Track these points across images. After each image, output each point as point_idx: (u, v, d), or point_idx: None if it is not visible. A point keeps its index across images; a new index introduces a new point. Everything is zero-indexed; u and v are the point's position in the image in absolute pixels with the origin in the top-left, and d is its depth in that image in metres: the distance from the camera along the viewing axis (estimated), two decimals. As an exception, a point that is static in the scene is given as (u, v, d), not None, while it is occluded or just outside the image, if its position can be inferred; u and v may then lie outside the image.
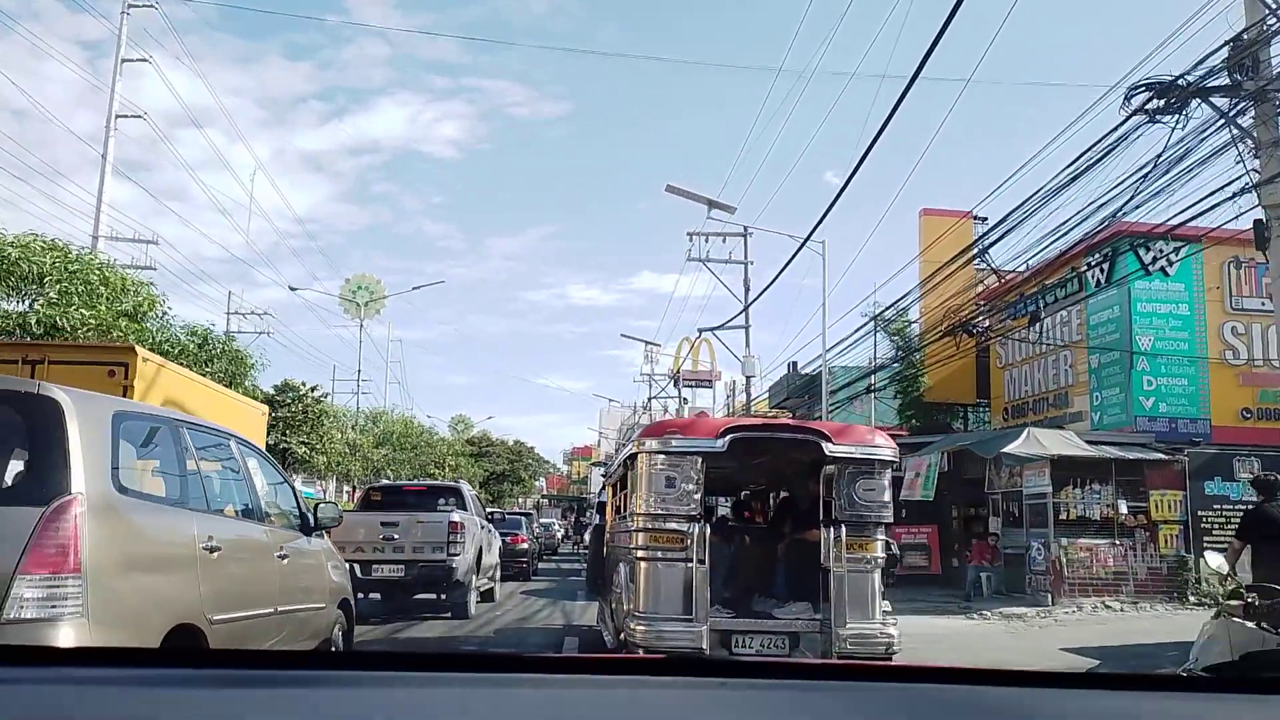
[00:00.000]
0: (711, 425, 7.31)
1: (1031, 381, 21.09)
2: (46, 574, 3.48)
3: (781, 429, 8.33)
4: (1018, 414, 21.30)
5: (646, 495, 6.87)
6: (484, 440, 62.83)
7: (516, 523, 22.45)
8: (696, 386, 42.97)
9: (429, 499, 13.23)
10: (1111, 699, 1.53)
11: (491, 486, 57.29)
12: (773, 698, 1.45)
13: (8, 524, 3.47)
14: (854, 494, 6.94)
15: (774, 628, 7.11)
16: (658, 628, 6.68)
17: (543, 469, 79.77)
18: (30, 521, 3.47)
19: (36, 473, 3.70)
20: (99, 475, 3.76)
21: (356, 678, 1.45)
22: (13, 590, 3.38)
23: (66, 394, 3.84)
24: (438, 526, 11.83)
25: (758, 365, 29.03)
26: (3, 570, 3.38)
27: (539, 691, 1.42)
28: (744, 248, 27.33)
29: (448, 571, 11.67)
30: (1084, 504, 16.34)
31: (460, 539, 11.81)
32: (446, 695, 1.38)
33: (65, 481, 3.63)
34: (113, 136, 18.94)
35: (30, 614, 3.40)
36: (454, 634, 11.02)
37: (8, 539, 3.43)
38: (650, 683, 1.51)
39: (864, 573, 6.91)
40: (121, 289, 13.10)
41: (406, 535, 11.72)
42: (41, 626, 3.42)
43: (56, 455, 3.67)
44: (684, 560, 6.75)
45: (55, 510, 3.55)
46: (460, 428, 62.66)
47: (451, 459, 42.53)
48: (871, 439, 7.25)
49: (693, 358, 41.39)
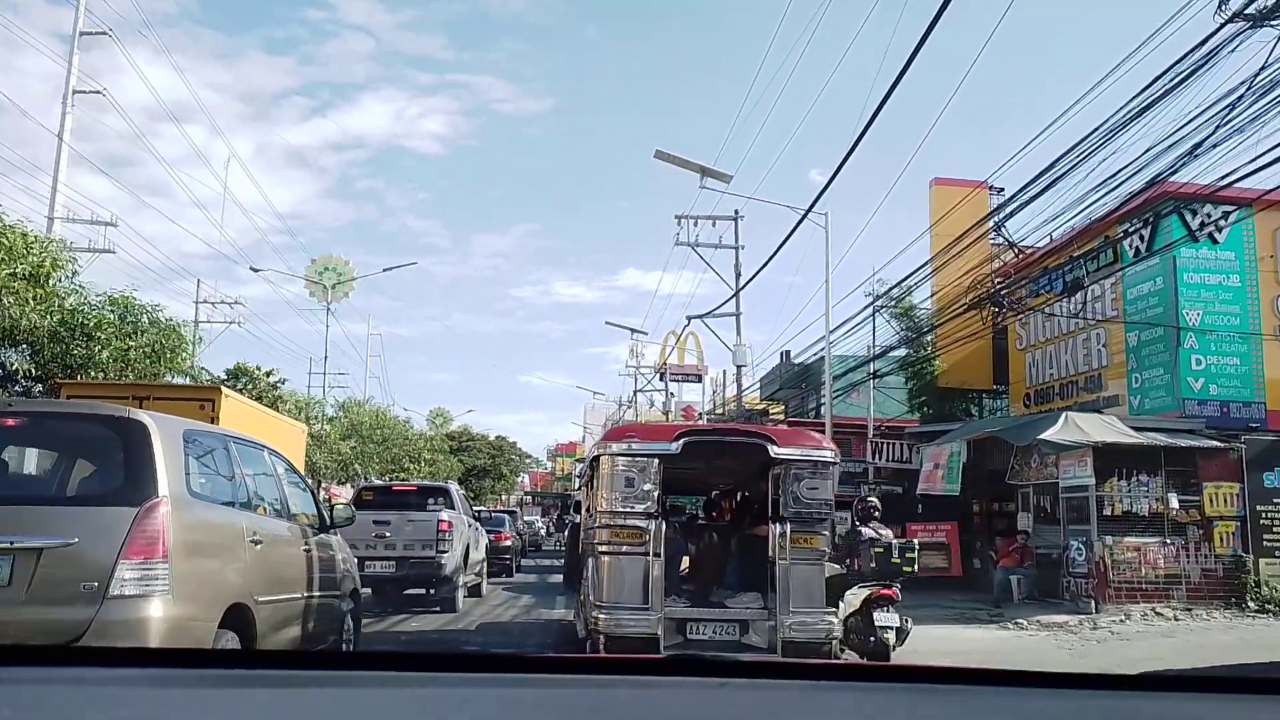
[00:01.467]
0: (667, 429, 8.44)
1: (1057, 364, 19.71)
2: (142, 559, 4.72)
3: (731, 433, 9.18)
4: (1041, 399, 20.09)
5: (608, 494, 7.75)
6: (464, 435, 61.33)
7: (501, 520, 24.48)
8: (683, 381, 42.34)
9: (419, 499, 14.39)
10: (1112, 699, 1.57)
11: (472, 483, 55.99)
12: (773, 698, 1.49)
13: (110, 520, 4.76)
14: (798, 493, 7.80)
15: (726, 616, 8.06)
16: (617, 616, 7.49)
17: (525, 465, 78.79)
18: (128, 519, 4.75)
19: (130, 480, 4.96)
20: (176, 481, 5.05)
21: (356, 678, 1.50)
22: (117, 573, 4.65)
23: (150, 416, 5.19)
24: (428, 526, 12.93)
25: (749, 354, 27.92)
26: (109, 556, 4.67)
27: (539, 691, 1.46)
28: (735, 232, 26.79)
29: (437, 568, 12.83)
30: (1130, 498, 15.14)
31: (449, 537, 12.92)
32: (446, 695, 1.42)
33: (153, 486, 4.89)
34: (70, 113, 18.71)
35: (130, 591, 4.66)
36: (445, 628, 11.95)
37: (111, 532, 4.71)
38: (651, 683, 1.56)
39: (808, 565, 7.82)
40: (23, 249, 11.03)
41: (398, 534, 12.82)
42: (139, 601, 4.67)
43: (145, 465, 4.94)
44: (643, 554, 7.60)
45: (147, 509, 4.81)
46: (439, 421, 61.00)
47: (428, 453, 41.35)
48: (813, 442, 8.27)
49: (679, 351, 40.93)
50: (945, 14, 8.01)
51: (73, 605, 4.55)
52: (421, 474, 38.00)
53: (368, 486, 17.15)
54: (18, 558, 4.58)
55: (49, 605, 4.56)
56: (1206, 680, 1.73)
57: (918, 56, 8.74)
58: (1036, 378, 20.35)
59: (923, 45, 8.54)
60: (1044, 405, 19.44)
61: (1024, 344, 20.76)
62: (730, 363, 28.75)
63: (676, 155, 20.55)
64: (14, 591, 4.54)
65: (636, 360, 46.51)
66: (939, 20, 8.12)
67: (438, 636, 11.15)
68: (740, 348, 26.44)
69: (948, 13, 8.02)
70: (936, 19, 8.11)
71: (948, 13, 8.02)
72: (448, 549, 12.87)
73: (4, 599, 4.53)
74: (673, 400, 41.58)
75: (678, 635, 7.78)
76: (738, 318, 26.44)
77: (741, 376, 27.53)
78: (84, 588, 4.58)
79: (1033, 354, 20.53)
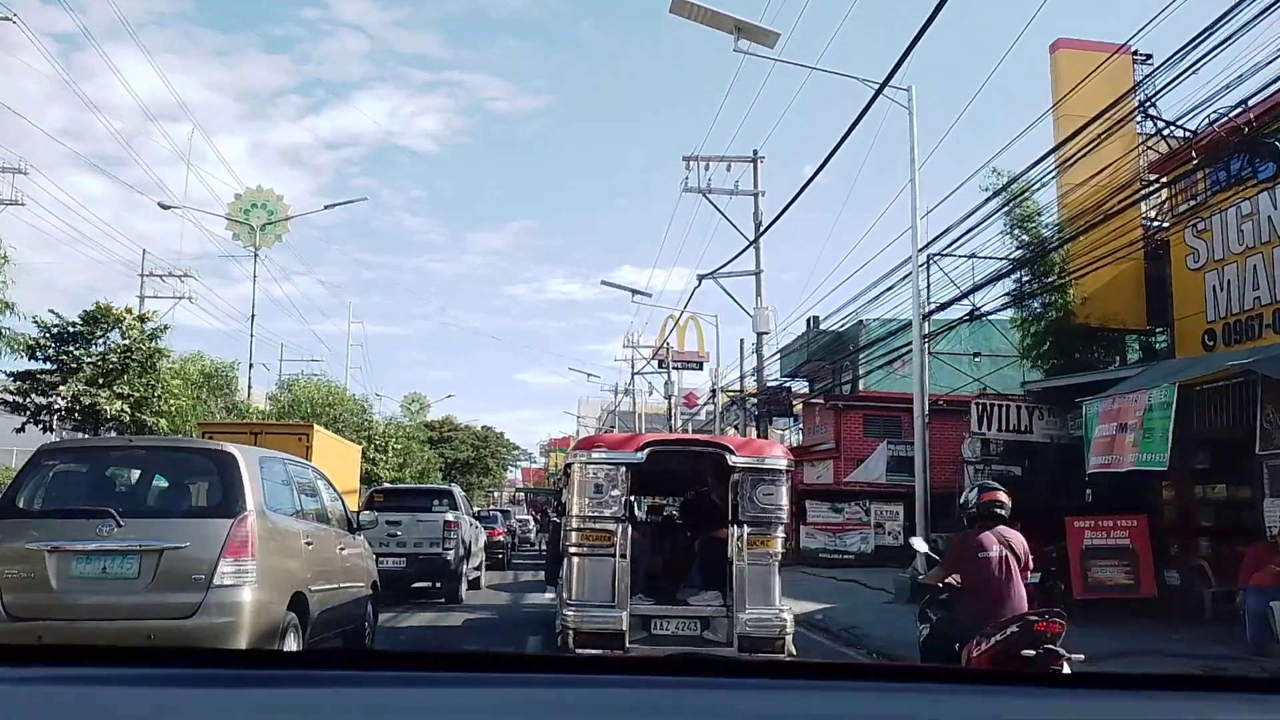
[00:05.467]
0: (633, 440, 9.06)
1: (1271, 284, 13.45)
2: (236, 558, 6.42)
3: (692, 443, 10.32)
4: (1237, 337, 13.85)
5: (579, 499, 8.55)
6: (445, 424, 59.21)
7: (494, 518, 26.46)
8: (684, 368, 41.83)
9: (426, 500, 16.09)
10: (1112, 699, 1.59)
11: (456, 477, 53.90)
12: (773, 698, 1.53)
13: (213, 528, 6.48)
14: (755, 498, 8.52)
15: (687, 613, 8.81)
16: (586, 613, 8.30)
17: (514, 458, 77.36)
18: (225, 528, 6.46)
19: (225, 498, 6.68)
20: (258, 499, 6.75)
21: (356, 677, 1.53)
22: (218, 568, 6.37)
23: (238, 449, 6.94)
24: (434, 524, 14.62)
25: (772, 319, 24.49)
26: (212, 555, 6.38)
27: (540, 691, 1.50)
28: (754, 174, 23.88)
29: (444, 564, 14.50)
30: None
31: (453, 535, 14.61)
32: (447, 695, 1.45)
33: (242, 503, 6.60)
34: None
35: (228, 581, 6.37)
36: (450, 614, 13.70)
37: (214, 538, 6.42)
38: (651, 682, 1.59)
39: (764, 565, 8.57)
40: None
41: (409, 532, 14.42)
42: (234, 589, 6.38)
43: (236, 487, 6.64)
44: (610, 555, 8.43)
45: (239, 520, 6.52)
46: (415, 407, 56.10)
47: (398, 441, 37.59)
48: (769, 451, 9.12)
49: (678, 334, 40.35)
50: None
51: (186, 592, 6.28)
52: (388, 466, 34.66)
53: (379, 489, 18.82)
54: (145, 556, 6.34)
55: (169, 591, 6.29)
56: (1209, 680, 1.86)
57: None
58: (1226, 307, 14.03)
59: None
60: (1240, 344, 13.59)
61: (1200, 262, 14.51)
62: (750, 330, 25.11)
63: (699, 4, 13.47)
64: (142, 581, 6.31)
65: (635, 336, 45.55)
66: None
67: (443, 627, 12.38)
68: (762, 311, 23.57)
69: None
70: None
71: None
72: (453, 545, 14.49)
73: (135, 587, 6.29)
74: (675, 387, 40.50)
75: (642, 631, 8.48)
76: (758, 276, 23.38)
77: (762, 345, 24.50)
78: (194, 579, 6.31)
79: (1221, 273, 14.09)
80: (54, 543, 6.33)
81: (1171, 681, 1.70)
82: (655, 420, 49.16)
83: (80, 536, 6.35)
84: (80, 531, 6.37)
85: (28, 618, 6.13)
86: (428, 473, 44.17)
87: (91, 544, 6.30)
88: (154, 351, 19.60)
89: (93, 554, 6.31)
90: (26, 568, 6.28)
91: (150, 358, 19.37)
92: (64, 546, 6.32)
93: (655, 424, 47.95)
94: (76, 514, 6.59)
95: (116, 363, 19.08)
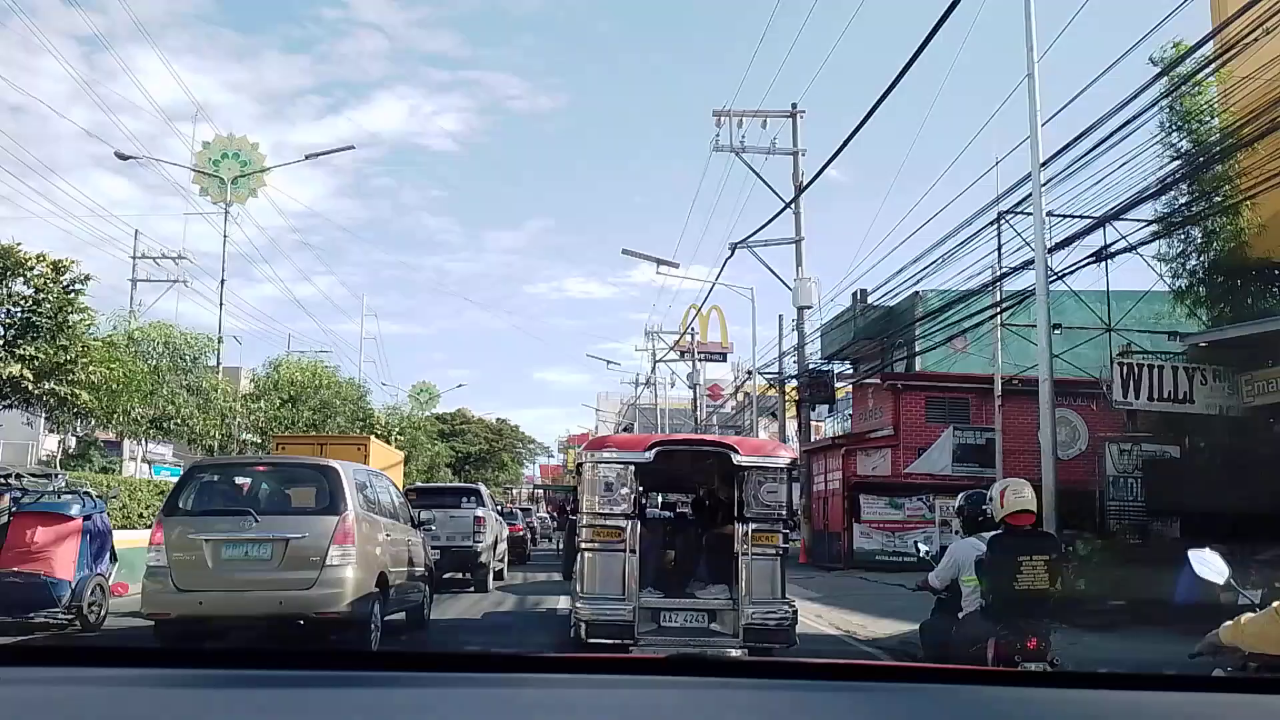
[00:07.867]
0: (642, 440, 9.64)
1: None
2: (341, 545, 8.72)
3: (698, 443, 10.79)
4: None
5: (590, 497, 9.08)
6: (458, 417, 58.81)
7: (514, 515, 28.76)
8: (708, 359, 41.80)
9: (456, 497, 18.15)
10: (1112, 699, 1.61)
11: (468, 472, 54.12)
12: (773, 698, 1.55)
13: (324, 523, 8.78)
14: (759, 496, 8.99)
15: (695, 606, 9.25)
16: (597, 606, 8.76)
17: (530, 452, 77.17)
18: (333, 523, 8.80)
19: (332, 501, 8.98)
20: (355, 501, 9.08)
21: (357, 678, 1.56)
22: (329, 552, 8.67)
23: (340, 464, 9.44)
24: (465, 520, 16.66)
25: (815, 292, 22.31)
26: (324, 543, 8.68)
27: (541, 691, 1.53)
28: (793, 130, 22.01)
29: (474, 556, 16.48)
30: None
31: (483, 530, 16.68)
32: (448, 695, 1.48)
33: (344, 505, 8.93)
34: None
35: (336, 563, 8.68)
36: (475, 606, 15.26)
37: (325, 530, 8.74)
38: (652, 682, 1.62)
39: (768, 559, 9.00)
40: None
41: (442, 527, 15.96)
42: (341, 569, 8.66)
43: (339, 493, 8.96)
44: (621, 550, 8.85)
45: (343, 517, 8.85)
46: (423, 398, 52.83)
47: (401, 432, 36.52)
48: (772, 451, 9.69)
49: (701, 325, 40.68)
50: None
51: (305, 570, 8.63)
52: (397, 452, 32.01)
53: (412, 488, 20.36)
54: (275, 544, 8.72)
55: (293, 570, 8.64)
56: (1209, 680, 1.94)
57: None
58: None
59: None
60: None
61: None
62: (790, 304, 23.10)
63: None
64: (274, 562, 8.69)
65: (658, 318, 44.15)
66: None
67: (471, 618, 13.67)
68: (803, 283, 21.78)
69: None
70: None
71: None
72: (482, 539, 16.62)
73: (269, 566, 8.66)
74: (701, 377, 40.53)
75: (652, 623, 8.85)
76: (798, 244, 21.85)
77: (803, 321, 22.87)
78: (311, 560, 8.67)
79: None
80: (208, 535, 8.68)
81: (1172, 681, 1.73)
82: (677, 415, 48.82)
83: (228, 530, 8.72)
84: (227, 526, 8.75)
85: (191, 589, 8.47)
86: (436, 467, 43.28)
87: (236, 535, 8.68)
88: (64, 303, 16.00)
89: (237, 542, 8.67)
90: (190, 553, 8.63)
91: (60, 310, 15.86)
92: (216, 537, 8.68)
93: (677, 419, 47.80)
94: (224, 513, 9.00)
95: (18, 319, 15.75)
